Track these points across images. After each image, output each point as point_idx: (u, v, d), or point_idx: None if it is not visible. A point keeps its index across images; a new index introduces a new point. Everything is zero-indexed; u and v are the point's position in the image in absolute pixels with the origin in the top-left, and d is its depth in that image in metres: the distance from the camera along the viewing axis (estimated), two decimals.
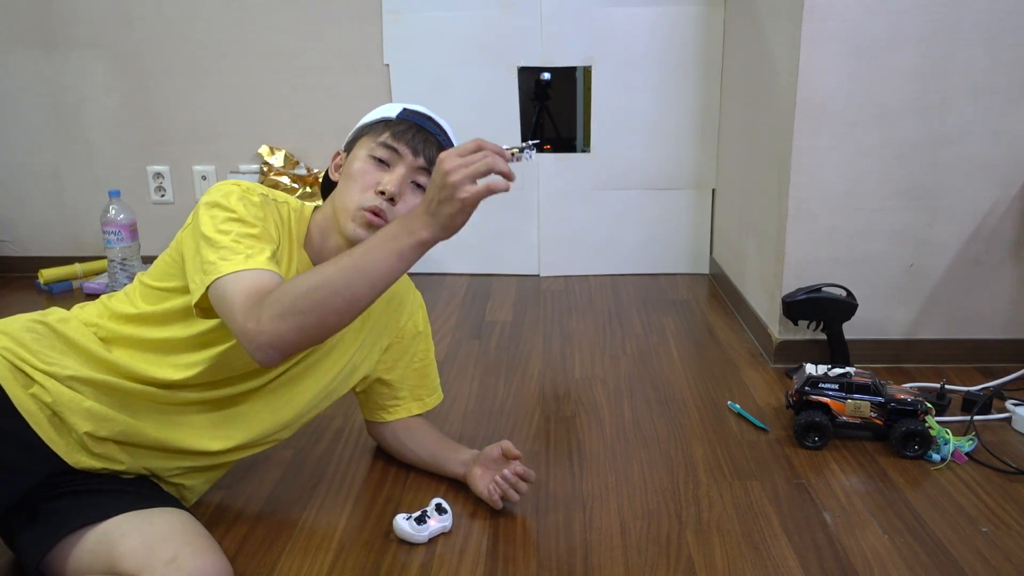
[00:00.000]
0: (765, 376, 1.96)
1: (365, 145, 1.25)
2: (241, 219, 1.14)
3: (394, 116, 1.27)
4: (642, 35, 2.60)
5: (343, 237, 1.22)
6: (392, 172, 1.23)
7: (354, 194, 1.22)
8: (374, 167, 1.23)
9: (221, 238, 1.11)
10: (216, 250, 1.10)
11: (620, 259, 2.79)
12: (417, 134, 1.25)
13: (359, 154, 1.25)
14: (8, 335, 1.18)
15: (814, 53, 1.81)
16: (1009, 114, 1.84)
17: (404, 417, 1.51)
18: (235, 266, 1.08)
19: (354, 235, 1.20)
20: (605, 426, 1.71)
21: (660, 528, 1.35)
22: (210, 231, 1.12)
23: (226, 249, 1.10)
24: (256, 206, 1.18)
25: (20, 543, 1.16)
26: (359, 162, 1.24)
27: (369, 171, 1.23)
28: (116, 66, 2.71)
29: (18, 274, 2.83)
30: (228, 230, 1.13)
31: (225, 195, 1.16)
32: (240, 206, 1.15)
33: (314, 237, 1.27)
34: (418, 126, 1.26)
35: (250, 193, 1.19)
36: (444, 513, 1.33)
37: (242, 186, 1.19)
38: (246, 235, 1.13)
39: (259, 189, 1.22)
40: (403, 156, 1.23)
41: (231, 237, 1.12)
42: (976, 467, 1.54)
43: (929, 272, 1.95)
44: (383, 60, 2.66)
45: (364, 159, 1.24)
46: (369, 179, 1.22)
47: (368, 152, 1.24)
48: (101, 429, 1.18)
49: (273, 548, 1.30)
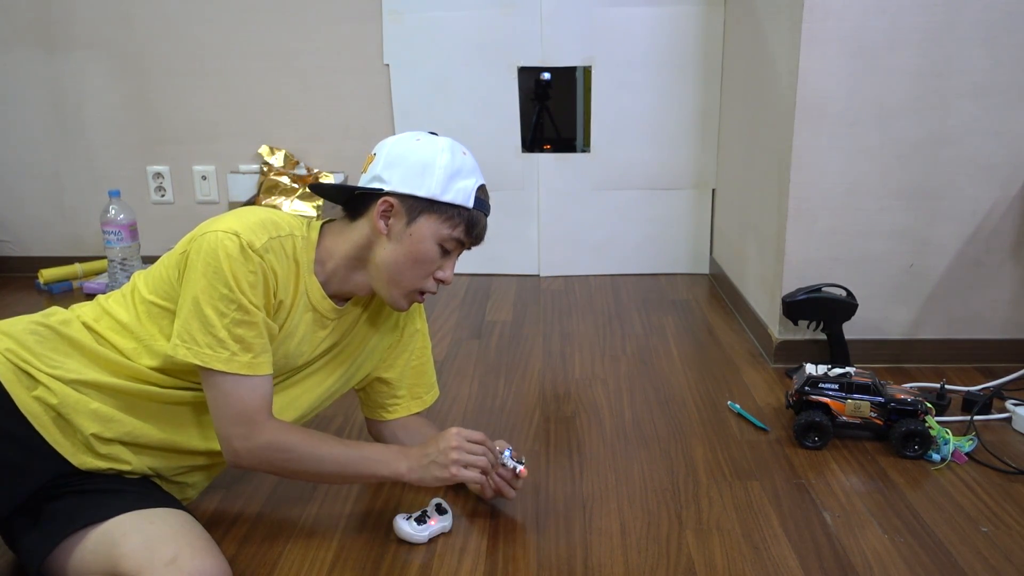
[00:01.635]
0: (765, 376, 1.96)
1: (434, 226, 1.23)
2: (239, 304, 1.14)
3: (471, 206, 1.25)
4: (642, 35, 2.60)
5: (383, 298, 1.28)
6: (451, 259, 1.29)
7: (416, 278, 1.26)
8: (440, 255, 1.26)
9: (214, 319, 1.14)
10: (207, 332, 1.14)
11: (620, 259, 2.79)
12: (485, 225, 1.29)
13: (428, 234, 1.23)
14: (11, 337, 1.18)
15: (814, 53, 1.81)
16: (1009, 114, 1.84)
17: (404, 416, 1.51)
18: (232, 367, 1.15)
19: (398, 307, 1.29)
20: (605, 426, 1.71)
21: (660, 528, 1.35)
22: (205, 305, 1.14)
23: (217, 340, 1.14)
24: (254, 273, 1.15)
25: (22, 544, 1.16)
26: (428, 245, 1.24)
27: (435, 259, 1.25)
28: (116, 66, 2.71)
29: (18, 274, 2.83)
30: (224, 312, 1.14)
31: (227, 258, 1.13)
32: (235, 283, 1.14)
33: (334, 269, 1.27)
34: (486, 215, 1.29)
35: (251, 250, 1.15)
36: (444, 513, 1.33)
37: (243, 238, 1.15)
38: (242, 323, 1.15)
39: (263, 234, 1.17)
40: (466, 246, 1.29)
41: (225, 323, 1.14)
42: (976, 467, 1.54)
43: (929, 272, 1.95)
44: (383, 60, 2.66)
45: (434, 245, 1.24)
46: (435, 267, 1.26)
47: (438, 240, 1.24)
48: (107, 430, 1.18)
49: (273, 548, 1.30)
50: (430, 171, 1.22)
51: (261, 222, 1.19)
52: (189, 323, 1.15)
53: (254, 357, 1.17)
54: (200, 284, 1.14)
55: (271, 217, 1.22)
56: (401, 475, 1.26)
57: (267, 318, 1.19)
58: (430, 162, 1.23)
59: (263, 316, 1.18)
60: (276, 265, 1.19)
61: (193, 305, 1.14)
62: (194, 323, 1.14)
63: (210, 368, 1.15)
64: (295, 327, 1.25)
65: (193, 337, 1.14)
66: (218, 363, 1.14)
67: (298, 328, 1.26)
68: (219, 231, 1.15)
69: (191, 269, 1.15)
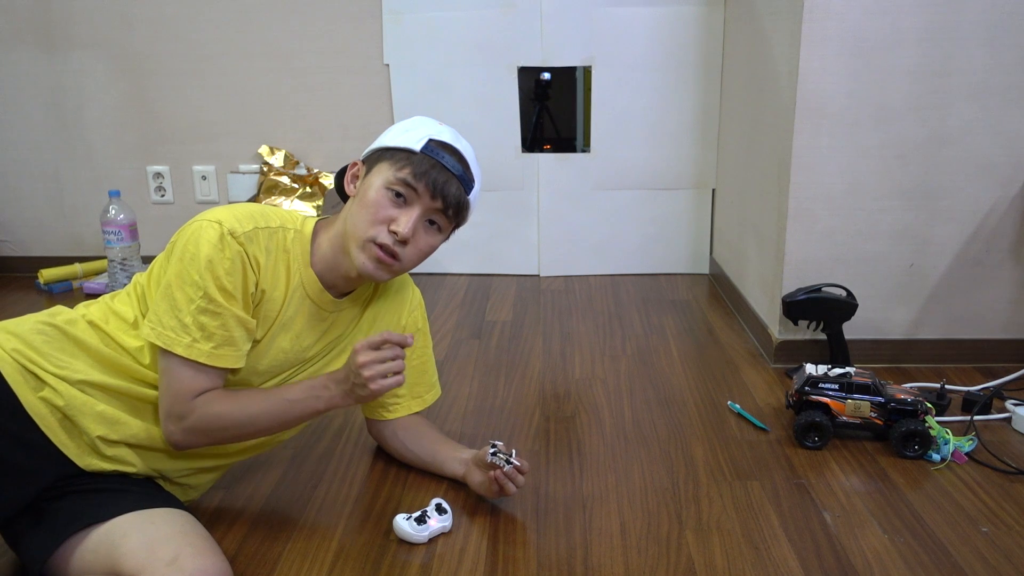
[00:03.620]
0: (765, 376, 1.96)
1: (383, 172, 1.23)
2: (206, 293, 1.15)
3: (418, 149, 1.23)
4: (642, 35, 2.60)
5: (351, 264, 1.24)
6: (407, 212, 1.22)
7: (365, 224, 1.22)
8: (390, 201, 1.22)
9: (183, 304, 1.15)
10: (172, 316, 1.15)
11: (620, 259, 2.79)
12: (439, 175, 1.22)
13: (375, 181, 1.23)
14: (17, 337, 1.18)
15: (814, 53, 1.81)
16: (1009, 114, 1.84)
17: (404, 415, 1.51)
18: (191, 353, 1.15)
19: (362, 267, 1.23)
20: (605, 426, 1.71)
21: (660, 528, 1.35)
22: (176, 289, 1.15)
23: (181, 325, 1.15)
24: (231, 260, 1.15)
25: (24, 544, 1.16)
26: (374, 191, 1.22)
27: (383, 204, 1.22)
28: (116, 66, 2.71)
29: (18, 274, 2.83)
30: (192, 298, 1.15)
31: (205, 244, 1.14)
32: (209, 270, 1.14)
33: (323, 254, 1.27)
34: (440, 165, 1.23)
35: (231, 237, 1.16)
36: (444, 513, 1.33)
37: (225, 225, 1.16)
38: (206, 311, 1.15)
39: (248, 223, 1.18)
40: (420, 196, 1.22)
41: (191, 309, 1.15)
42: (976, 467, 1.54)
43: (929, 272, 1.95)
44: (383, 60, 2.66)
45: (380, 189, 1.22)
46: (383, 213, 1.22)
47: (385, 183, 1.22)
48: (114, 432, 1.18)
49: (273, 548, 1.30)
50: (392, 130, 1.28)
51: (249, 213, 1.21)
52: (159, 304, 1.16)
53: (215, 347, 1.17)
54: (175, 268, 1.16)
55: (263, 210, 1.23)
56: (336, 403, 1.23)
57: (241, 311, 1.18)
58: (399, 126, 1.28)
59: (235, 310, 1.17)
60: (259, 255, 1.19)
61: (166, 288, 1.16)
62: (163, 305, 1.16)
63: (170, 351, 1.15)
64: (290, 319, 1.25)
65: (160, 319, 1.16)
66: (179, 347, 1.15)
67: (294, 320, 1.26)
68: (204, 220, 1.17)
69: (172, 255, 1.18)
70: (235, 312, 1.17)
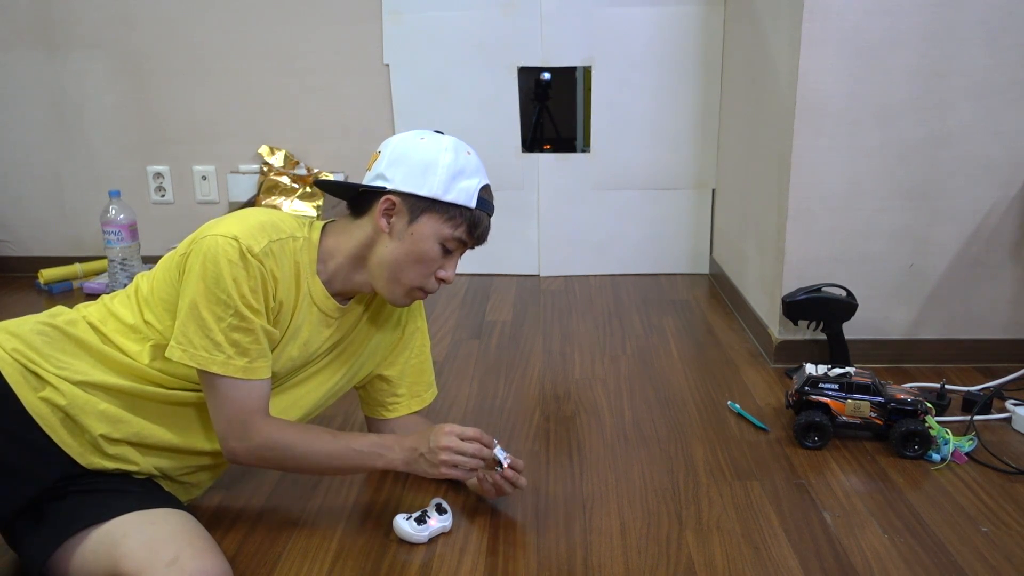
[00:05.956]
0: (765, 376, 1.96)
1: (436, 226, 1.23)
2: (236, 310, 1.15)
3: (474, 206, 1.24)
4: (642, 35, 2.60)
5: (379, 291, 1.27)
6: (453, 259, 1.28)
7: (416, 275, 1.26)
8: (441, 254, 1.25)
9: (212, 323, 1.15)
10: (204, 336, 1.15)
11: (620, 259, 2.79)
12: (488, 225, 1.28)
13: (427, 232, 1.23)
14: (18, 337, 1.18)
15: (814, 53, 1.81)
16: (1009, 114, 1.84)
17: (404, 415, 1.51)
18: (228, 370, 1.16)
19: (398, 304, 1.29)
20: (605, 426, 1.71)
21: (660, 528, 1.35)
22: (203, 309, 1.15)
23: (214, 344, 1.15)
24: (253, 278, 1.15)
25: (25, 545, 1.16)
26: (428, 244, 1.24)
27: (436, 257, 1.25)
28: (116, 66, 2.71)
29: (18, 274, 2.83)
30: (222, 316, 1.15)
31: (227, 264, 1.14)
32: (235, 288, 1.14)
33: (337, 266, 1.27)
34: (489, 215, 1.28)
35: (250, 255, 1.15)
36: (444, 513, 1.33)
37: (242, 243, 1.15)
38: (238, 328, 1.16)
39: (262, 237, 1.18)
40: (467, 244, 1.28)
41: (222, 327, 1.15)
42: (976, 467, 1.54)
43: (929, 272, 1.95)
44: (383, 60, 2.66)
45: (435, 244, 1.24)
46: (436, 266, 1.26)
47: (440, 238, 1.24)
48: (116, 431, 1.18)
49: (273, 548, 1.30)
50: (433, 170, 1.22)
51: (261, 225, 1.19)
52: (186, 326, 1.15)
53: (250, 361, 1.18)
54: (198, 288, 1.14)
55: (271, 219, 1.22)
56: (396, 467, 1.28)
57: (267, 324, 1.19)
58: (433, 161, 1.23)
59: (261, 323, 1.18)
60: (276, 269, 1.19)
61: (191, 309, 1.15)
62: (191, 326, 1.15)
63: (207, 371, 1.16)
64: (299, 328, 1.26)
65: (190, 340, 1.15)
66: (214, 366, 1.15)
67: (302, 328, 1.26)
68: (219, 235, 1.15)
69: (190, 272, 1.16)
70: (263, 325, 1.18)
